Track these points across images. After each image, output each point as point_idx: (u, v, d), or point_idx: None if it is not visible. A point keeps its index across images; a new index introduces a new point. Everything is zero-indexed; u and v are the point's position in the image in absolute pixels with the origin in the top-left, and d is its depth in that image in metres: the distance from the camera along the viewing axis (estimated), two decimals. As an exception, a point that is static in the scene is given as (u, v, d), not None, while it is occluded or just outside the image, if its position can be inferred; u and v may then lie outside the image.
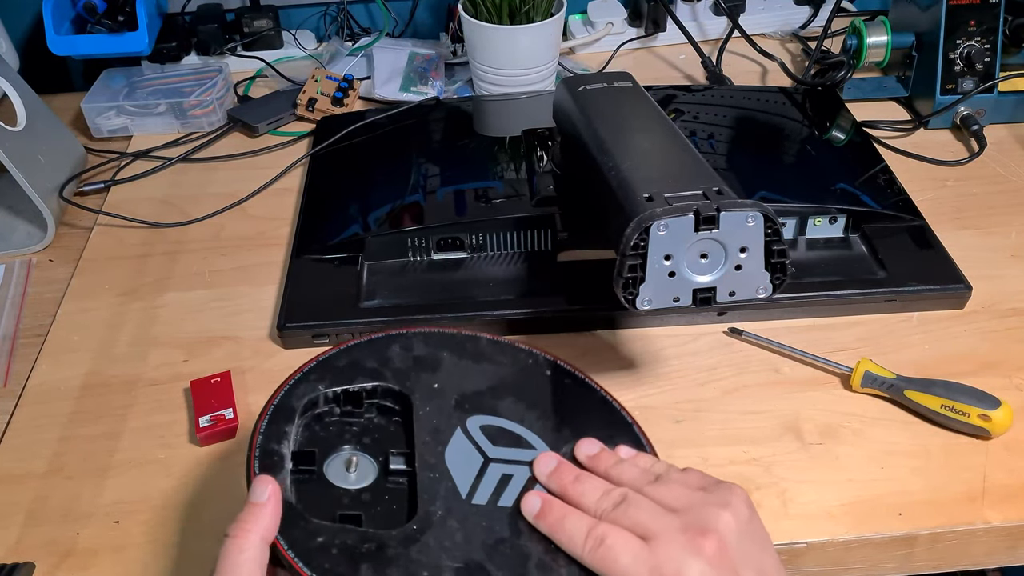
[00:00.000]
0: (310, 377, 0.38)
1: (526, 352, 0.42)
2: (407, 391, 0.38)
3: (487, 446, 0.37)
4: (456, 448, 0.37)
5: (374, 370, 0.39)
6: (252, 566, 0.30)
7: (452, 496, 0.35)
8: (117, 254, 0.60)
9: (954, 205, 0.61)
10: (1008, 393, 0.46)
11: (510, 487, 0.35)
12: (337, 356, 0.39)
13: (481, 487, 0.35)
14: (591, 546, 0.32)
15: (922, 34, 0.69)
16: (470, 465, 0.36)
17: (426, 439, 0.37)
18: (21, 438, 0.47)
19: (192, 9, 0.79)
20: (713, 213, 0.39)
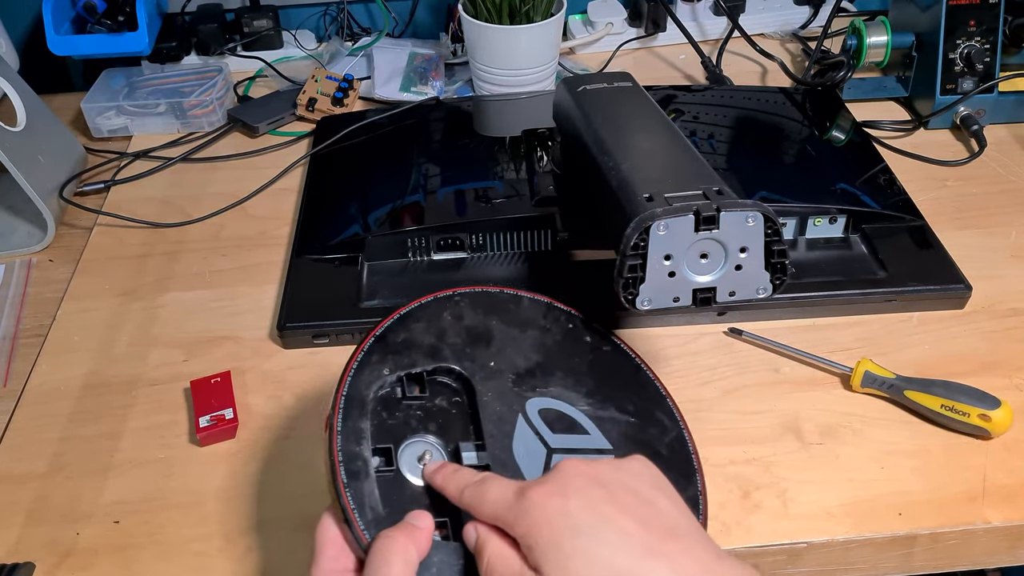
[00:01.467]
0: (372, 359, 0.38)
1: (565, 314, 0.43)
2: (468, 373, 0.38)
3: (547, 434, 0.37)
4: (521, 438, 0.37)
5: (433, 347, 0.39)
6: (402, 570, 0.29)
7: None
8: (117, 254, 0.60)
9: (954, 205, 0.61)
10: (1008, 393, 0.46)
11: None
12: (393, 330, 0.39)
13: None
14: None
15: (922, 34, 0.69)
16: (536, 457, 0.36)
17: (492, 430, 0.37)
18: (21, 438, 0.47)
19: (192, 9, 0.79)
20: (713, 213, 0.39)
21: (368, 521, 0.32)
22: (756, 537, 0.41)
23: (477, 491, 0.31)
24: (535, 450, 0.37)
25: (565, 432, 0.38)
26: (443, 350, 0.39)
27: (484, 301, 0.42)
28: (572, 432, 0.38)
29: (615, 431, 0.39)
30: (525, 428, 0.37)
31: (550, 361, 0.41)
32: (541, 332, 0.42)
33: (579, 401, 0.39)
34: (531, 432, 0.37)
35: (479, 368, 0.39)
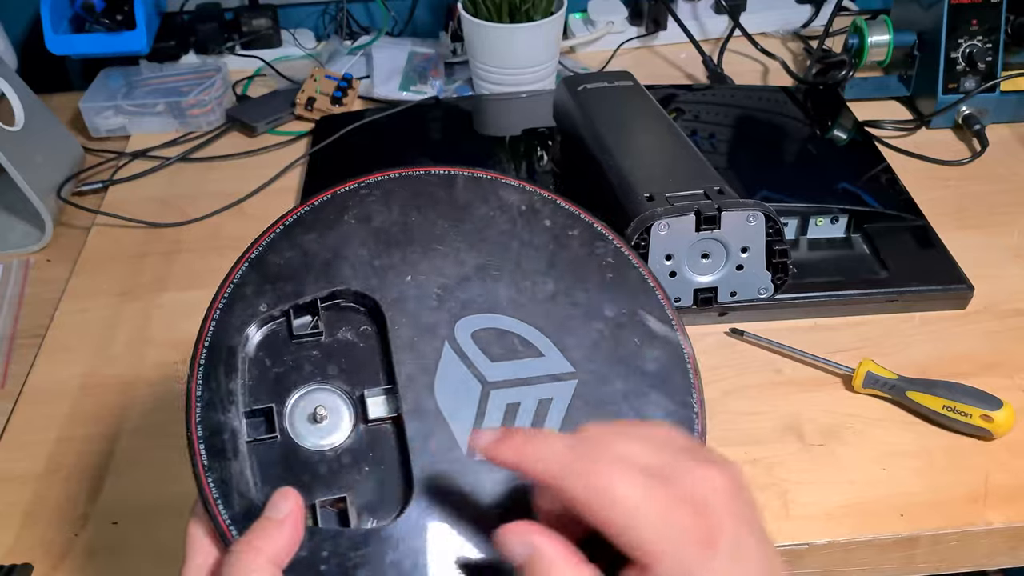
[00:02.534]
0: (246, 292, 0.30)
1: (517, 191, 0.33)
2: (375, 294, 0.30)
3: (483, 364, 0.29)
4: (447, 375, 0.29)
5: (327, 264, 0.30)
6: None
7: (451, 456, 0.27)
8: (115, 254, 0.60)
9: (956, 205, 0.61)
10: (1010, 394, 0.46)
11: (518, 422, 0.29)
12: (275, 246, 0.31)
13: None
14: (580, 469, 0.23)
15: (924, 33, 0.69)
16: (467, 399, 0.28)
17: (409, 366, 0.29)
18: (19, 439, 0.47)
19: (191, 8, 0.79)
20: (714, 213, 0.39)
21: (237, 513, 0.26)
22: (757, 539, 0.41)
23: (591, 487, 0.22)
24: (465, 389, 0.29)
25: (508, 357, 0.29)
26: (342, 267, 0.30)
27: (402, 191, 0.32)
28: (518, 356, 0.29)
29: (581, 345, 0.30)
30: (452, 359, 0.29)
31: (493, 261, 0.31)
32: (482, 223, 0.32)
33: (532, 311, 0.30)
34: (460, 364, 0.29)
35: (390, 285, 0.30)
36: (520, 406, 0.29)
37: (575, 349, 0.30)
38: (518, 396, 0.29)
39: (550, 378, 0.30)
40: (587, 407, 0.29)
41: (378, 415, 0.28)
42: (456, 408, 0.28)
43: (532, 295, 0.31)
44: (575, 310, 0.31)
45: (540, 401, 0.29)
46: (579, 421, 0.29)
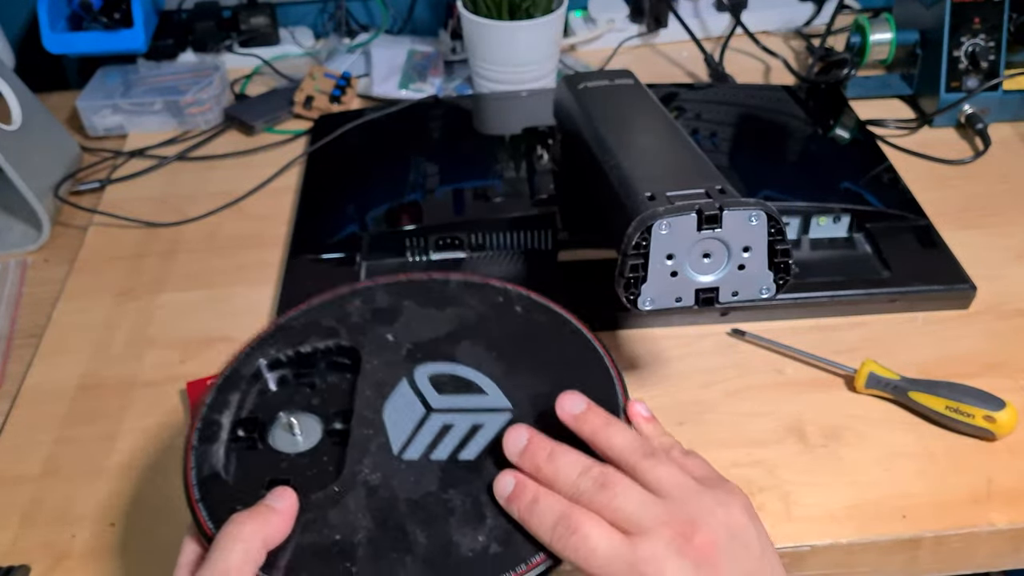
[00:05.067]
0: (266, 343, 0.38)
1: (498, 290, 0.40)
2: (358, 345, 0.37)
3: (432, 396, 0.36)
4: (398, 401, 0.35)
5: (330, 328, 0.38)
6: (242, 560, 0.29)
7: (382, 452, 0.34)
8: (113, 254, 0.60)
9: (959, 204, 0.61)
10: (1013, 394, 0.46)
11: (448, 438, 0.34)
12: (296, 318, 0.39)
13: (416, 440, 0.34)
14: (560, 533, 0.29)
15: (926, 31, 0.69)
16: (409, 418, 0.35)
17: (367, 394, 0.35)
18: (16, 439, 0.47)
19: (188, 6, 0.79)
20: (716, 212, 0.38)
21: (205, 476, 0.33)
22: (759, 541, 0.41)
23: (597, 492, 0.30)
24: (410, 411, 0.35)
25: (454, 392, 0.36)
26: (340, 330, 0.38)
27: (404, 287, 0.40)
28: (463, 392, 0.36)
29: (524, 393, 0.36)
30: (406, 391, 0.36)
31: (463, 331, 0.38)
32: (462, 308, 0.39)
33: (488, 365, 0.37)
34: (412, 394, 0.35)
35: (372, 341, 0.37)
36: (453, 427, 0.34)
37: (518, 394, 0.36)
38: (453, 420, 0.35)
39: (487, 410, 0.35)
40: None
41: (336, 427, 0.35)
42: (398, 423, 0.35)
43: (491, 354, 0.37)
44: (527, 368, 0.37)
45: (473, 426, 0.34)
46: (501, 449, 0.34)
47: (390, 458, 0.33)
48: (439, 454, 0.34)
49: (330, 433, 0.35)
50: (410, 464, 0.33)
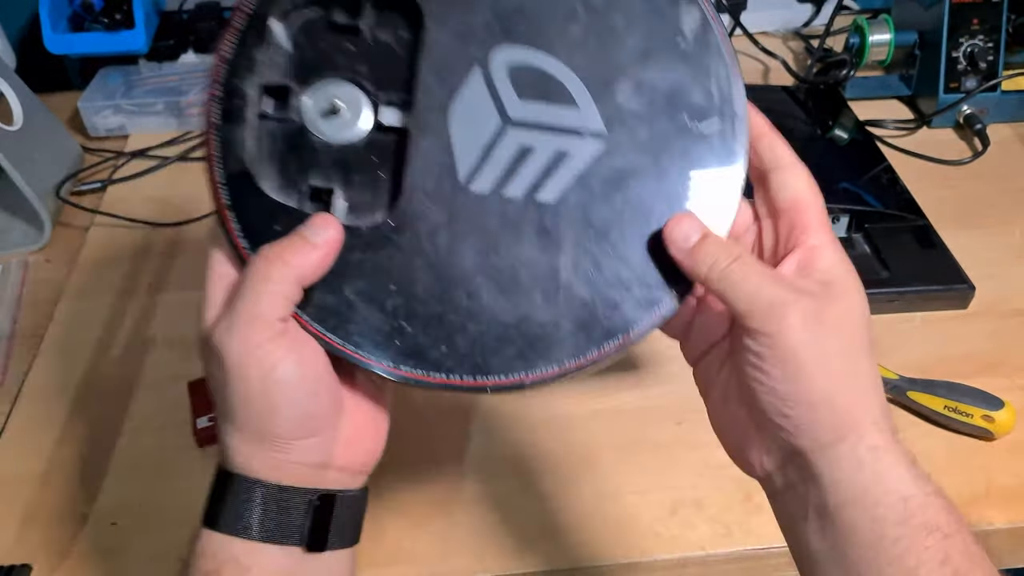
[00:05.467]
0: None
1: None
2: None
3: (511, 101, 0.27)
4: (468, 102, 0.27)
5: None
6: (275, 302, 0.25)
7: (446, 178, 0.27)
8: (114, 254, 0.60)
9: (957, 205, 0.61)
10: (1012, 394, 0.46)
11: (525, 167, 0.27)
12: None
13: (488, 165, 0.27)
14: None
15: (925, 32, 0.69)
16: (481, 130, 0.27)
17: (430, 82, 0.27)
18: (18, 439, 0.47)
19: (189, 7, 0.79)
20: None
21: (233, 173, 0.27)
22: (758, 539, 0.41)
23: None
24: (483, 120, 0.27)
25: (539, 98, 0.27)
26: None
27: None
28: (550, 100, 0.27)
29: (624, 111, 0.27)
30: (479, 88, 0.27)
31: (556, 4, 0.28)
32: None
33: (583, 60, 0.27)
34: (487, 94, 0.27)
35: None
36: (532, 152, 0.27)
37: (615, 112, 0.27)
38: (534, 141, 0.27)
39: (576, 133, 0.27)
40: (602, 178, 0.27)
41: (389, 123, 0.28)
42: (466, 135, 0.27)
43: (587, 42, 0.28)
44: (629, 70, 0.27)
45: (556, 153, 0.27)
46: (591, 189, 0.27)
47: (455, 188, 0.27)
48: (513, 190, 0.27)
49: (382, 127, 0.28)
50: (478, 199, 0.27)
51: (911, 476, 0.25)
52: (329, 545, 0.26)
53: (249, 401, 0.25)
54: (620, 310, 0.27)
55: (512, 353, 0.27)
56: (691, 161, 0.28)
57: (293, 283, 0.26)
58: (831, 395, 0.25)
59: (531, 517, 0.42)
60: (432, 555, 0.41)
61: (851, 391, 0.25)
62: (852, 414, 0.25)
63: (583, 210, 0.27)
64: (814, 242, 0.27)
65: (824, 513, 0.25)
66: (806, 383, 0.25)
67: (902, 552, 0.24)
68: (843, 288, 0.26)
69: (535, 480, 0.44)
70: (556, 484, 0.44)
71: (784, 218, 0.28)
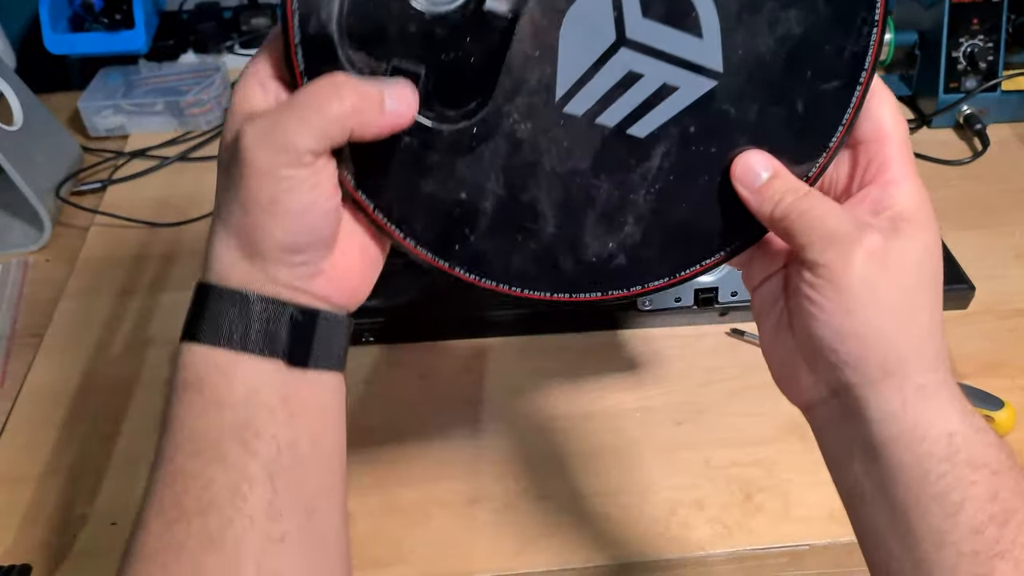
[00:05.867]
0: None
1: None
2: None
3: (632, 14, 0.25)
4: (587, 5, 0.25)
5: None
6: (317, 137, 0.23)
7: (541, 92, 0.25)
8: (114, 254, 0.60)
9: (957, 205, 0.61)
10: (1012, 394, 0.46)
11: (627, 96, 0.26)
12: None
13: (589, 87, 0.25)
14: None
15: (925, 32, 0.69)
16: (592, 45, 0.25)
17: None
18: (18, 439, 0.47)
19: (190, 7, 0.79)
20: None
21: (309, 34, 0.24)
22: (758, 539, 0.41)
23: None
24: (597, 34, 0.25)
25: (663, 20, 0.25)
26: None
27: None
28: (674, 24, 0.25)
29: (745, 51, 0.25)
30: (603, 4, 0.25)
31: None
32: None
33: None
34: (609, 13, 0.25)
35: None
36: (640, 80, 0.25)
37: (738, 52, 0.26)
38: (645, 68, 0.25)
39: (691, 67, 0.26)
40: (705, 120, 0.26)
41: (493, 8, 0.25)
42: (575, 49, 0.25)
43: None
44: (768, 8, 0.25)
45: (664, 85, 0.26)
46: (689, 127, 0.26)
47: (548, 105, 0.25)
48: (608, 117, 0.26)
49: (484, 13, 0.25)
50: (568, 121, 0.26)
51: (959, 414, 0.24)
52: (312, 361, 0.25)
53: (251, 210, 0.24)
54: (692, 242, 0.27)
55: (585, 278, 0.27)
56: (795, 119, 0.26)
57: (342, 130, 0.24)
58: (883, 332, 0.25)
59: (531, 517, 0.42)
60: (432, 555, 0.41)
61: (905, 331, 0.25)
62: (903, 353, 0.25)
63: (671, 152, 0.26)
64: (891, 178, 0.26)
65: (869, 449, 0.25)
66: (860, 319, 0.25)
67: (946, 488, 0.23)
68: (914, 228, 0.26)
69: (535, 480, 0.44)
70: (556, 484, 0.44)
71: (863, 149, 0.27)
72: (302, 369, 0.25)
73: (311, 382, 0.25)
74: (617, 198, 0.27)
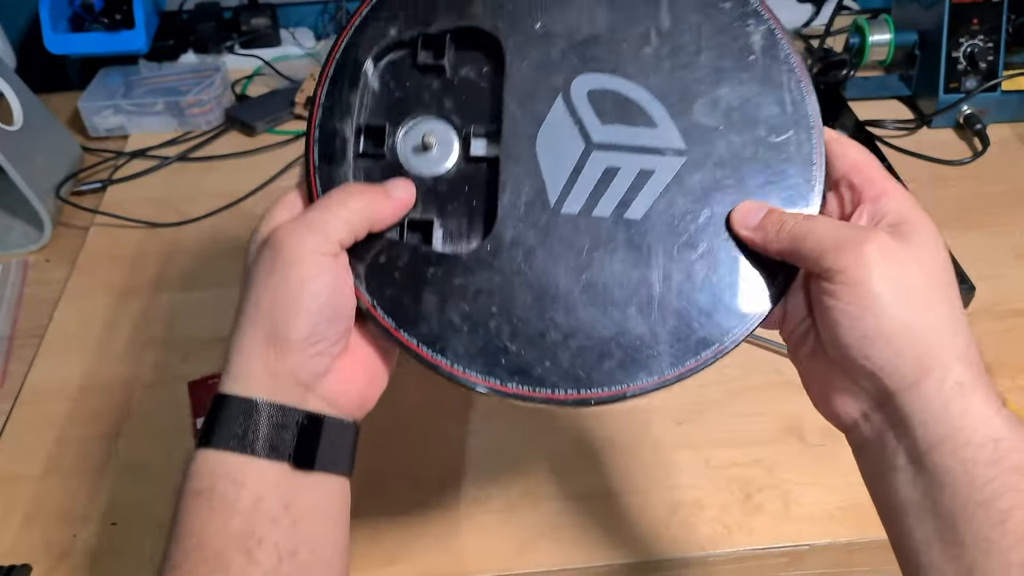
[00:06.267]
0: (380, 14, 0.30)
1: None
2: (499, 34, 0.30)
3: (592, 124, 0.29)
4: (553, 128, 0.29)
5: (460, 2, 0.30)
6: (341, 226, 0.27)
7: (537, 202, 0.29)
8: (114, 254, 0.60)
9: (957, 205, 0.61)
10: (1012, 394, 0.46)
11: (612, 187, 0.29)
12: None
13: (576, 188, 0.29)
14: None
15: (925, 32, 0.69)
16: (567, 154, 0.29)
17: (516, 112, 0.29)
18: (18, 439, 0.47)
19: (189, 7, 0.79)
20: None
21: None
22: (758, 539, 0.41)
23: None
24: (568, 144, 0.29)
25: (619, 121, 0.29)
26: (474, 4, 0.30)
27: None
28: (630, 122, 0.29)
29: (701, 126, 0.29)
30: (562, 113, 0.29)
31: (627, 20, 0.30)
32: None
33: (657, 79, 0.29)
34: (570, 120, 0.29)
35: (517, 29, 0.30)
36: (618, 172, 0.29)
37: (693, 129, 0.29)
38: (619, 162, 0.29)
39: (657, 151, 0.29)
40: (686, 192, 0.29)
41: (478, 154, 0.30)
42: (553, 162, 0.29)
43: (661, 64, 0.30)
44: (703, 88, 0.29)
45: (640, 172, 0.29)
46: (675, 203, 0.29)
47: (546, 211, 0.29)
48: (602, 209, 0.29)
49: (472, 158, 0.30)
50: (569, 220, 0.29)
51: (1001, 417, 0.24)
52: (318, 464, 0.26)
53: (279, 297, 0.26)
54: (714, 318, 0.28)
55: (613, 365, 0.28)
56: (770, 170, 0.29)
57: (362, 220, 0.28)
58: (910, 326, 0.25)
59: (531, 517, 0.42)
60: (432, 555, 0.41)
61: (930, 324, 0.25)
62: (933, 347, 0.25)
63: (670, 224, 0.29)
64: (880, 190, 0.27)
65: (914, 458, 0.25)
66: (884, 316, 0.25)
67: (993, 494, 0.23)
68: (916, 228, 0.26)
69: (535, 480, 0.44)
70: (556, 484, 0.44)
71: (844, 183, 0.28)
72: (306, 472, 0.26)
73: (315, 486, 0.27)
74: (637, 277, 0.28)
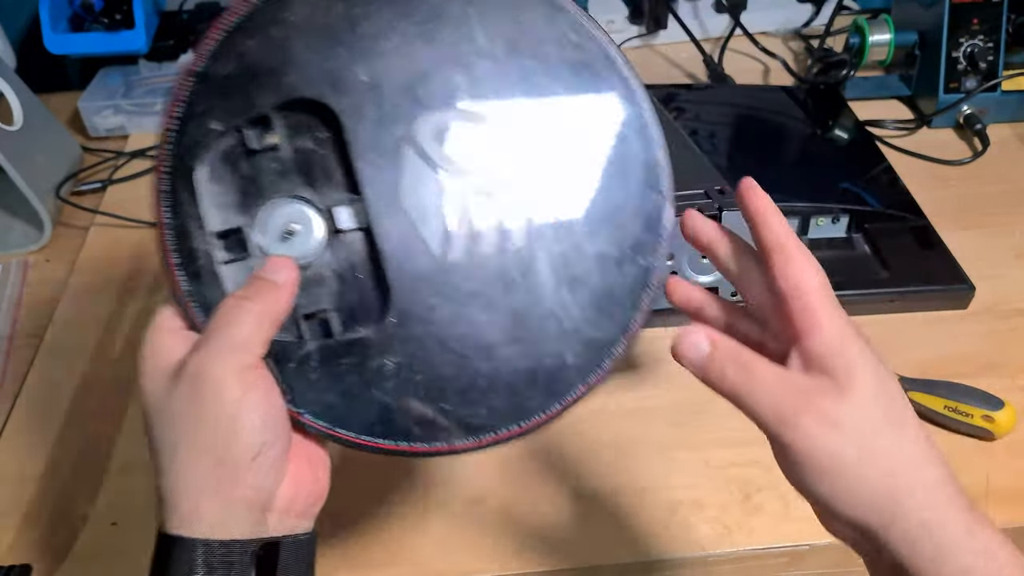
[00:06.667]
0: (196, 111, 0.28)
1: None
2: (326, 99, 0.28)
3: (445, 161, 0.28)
4: (411, 177, 0.28)
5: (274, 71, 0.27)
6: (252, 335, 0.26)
7: (423, 259, 0.28)
8: (114, 254, 0.60)
9: (957, 205, 0.61)
10: (1012, 394, 0.46)
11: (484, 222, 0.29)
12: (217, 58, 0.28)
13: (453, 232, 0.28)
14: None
15: (925, 32, 0.69)
16: (431, 199, 0.28)
17: (370, 174, 0.28)
18: (18, 439, 0.47)
19: (190, 7, 0.79)
20: (715, 212, 0.39)
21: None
22: (758, 539, 0.41)
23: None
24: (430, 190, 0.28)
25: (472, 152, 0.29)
26: (290, 75, 0.27)
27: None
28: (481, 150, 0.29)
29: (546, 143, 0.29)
30: (416, 163, 0.28)
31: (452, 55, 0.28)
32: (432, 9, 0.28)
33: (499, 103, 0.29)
34: (423, 164, 0.28)
35: (343, 89, 0.28)
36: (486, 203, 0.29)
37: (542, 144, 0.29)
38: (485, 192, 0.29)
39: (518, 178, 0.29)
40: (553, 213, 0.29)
41: (347, 227, 0.28)
42: (423, 213, 0.28)
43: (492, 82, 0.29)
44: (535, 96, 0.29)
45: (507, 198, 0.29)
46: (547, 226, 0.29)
47: (435, 265, 0.28)
48: (484, 246, 0.28)
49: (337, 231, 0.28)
50: (456, 268, 0.28)
51: (972, 540, 0.25)
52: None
53: (219, 422, 0.26)
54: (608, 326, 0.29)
55: (542, 392, 0.29)
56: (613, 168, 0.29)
57: (269, 320, 0.27)
58: (863, 483, 0.25)
59: (531, 517, 0.42)
60: (432, 555, 0.41)
61: (883, 474, 0.25)
62: (892, 495, 0.25)
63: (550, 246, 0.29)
64: (811, 323, 0.27)
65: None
66: (836, 480, 0.25)
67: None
68: (851, 373, 0.26)
69: (534, 480, 0.44)
70: (555, 484, 0.44)
71: (787, 303, 0.28)
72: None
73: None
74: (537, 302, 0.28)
